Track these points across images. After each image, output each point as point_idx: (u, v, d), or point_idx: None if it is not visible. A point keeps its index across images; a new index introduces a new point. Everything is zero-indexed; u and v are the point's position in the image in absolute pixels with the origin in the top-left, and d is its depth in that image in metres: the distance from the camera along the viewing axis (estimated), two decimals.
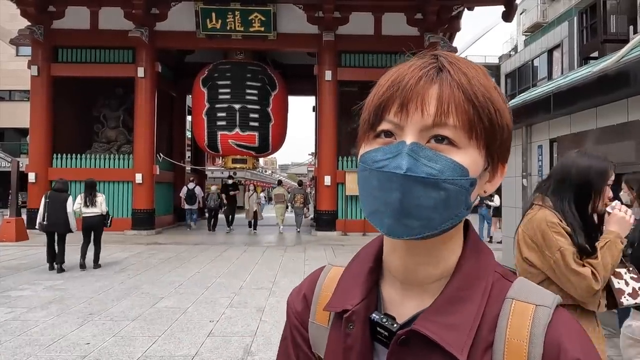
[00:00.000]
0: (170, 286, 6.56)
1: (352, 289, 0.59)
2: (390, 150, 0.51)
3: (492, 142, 0.52)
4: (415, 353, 0.52)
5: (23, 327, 4.62)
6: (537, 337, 0.50)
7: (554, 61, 20.89)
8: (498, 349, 0.51)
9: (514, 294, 0.53)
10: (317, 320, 0.63)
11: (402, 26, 13.33)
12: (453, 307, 0.52)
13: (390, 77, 0.54)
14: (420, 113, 0.50)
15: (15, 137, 27.66)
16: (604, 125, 4.80)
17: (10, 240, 10.82)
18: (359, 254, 0.64)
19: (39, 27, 12.76)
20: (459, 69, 0.52)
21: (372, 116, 0.53)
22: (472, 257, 0.55)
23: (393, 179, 0.49)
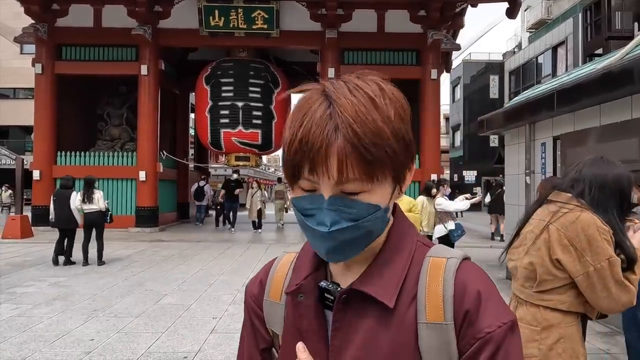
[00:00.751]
0: (173, 283, 6.60)
1: (302, 269, 0.70)
2: (313, 201, 0.60)
3: (395, 168, 0.61)
4: (355, 308, 0.63)
5: (28, 323, 4.67)
6: (449, 280, 0.62)
7: (559, 58, 20.77)
8: (421, 295, 0.62)
9: (431, 253, 0.66)
10: (271, 298, 0.73)
11: (405, 23, 13.28)
12: (382, 270, 0.64)
13: (297, 136, 0.59)
14: (327, 176, 0.58)
15: (20, 135, 27.82)
16: (608, 122, 4.77)
17: (15, 237, 10.90)
18: (308, 243, 0.73)
19: (42, 25, 12.81)
20: (350, 121, 0.57)
21: (290, 174, 0.61)
22: (398, 231, 0.68)
23: (322, 234, 0.59)
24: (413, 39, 13.29)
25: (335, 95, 0.59)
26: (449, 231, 6.17)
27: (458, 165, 29.38)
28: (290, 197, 0.66)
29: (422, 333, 0.60)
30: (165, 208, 14.64)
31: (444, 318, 0.60)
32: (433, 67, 13.13)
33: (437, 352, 0.59)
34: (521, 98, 6.65)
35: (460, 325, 0.60)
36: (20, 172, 11.49)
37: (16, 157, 11.96)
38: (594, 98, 4.79)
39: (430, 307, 0.61)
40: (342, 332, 0.63)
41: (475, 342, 0.58)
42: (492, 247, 10.87)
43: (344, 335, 0.63)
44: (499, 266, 8.04)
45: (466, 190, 18.81)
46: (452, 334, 0.59)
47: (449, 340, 0.59)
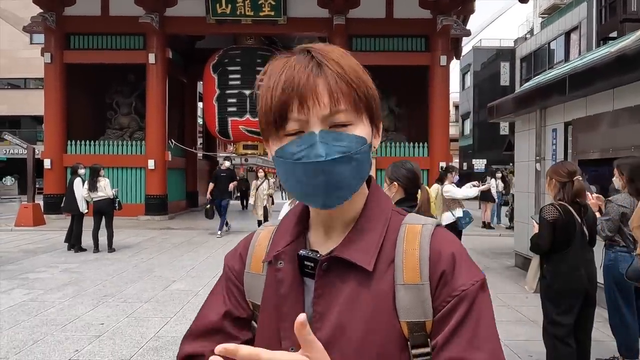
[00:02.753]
0: (182, 270, 6.66)
1: (282, 238, 0.72)
2: (303, 141, 0.60)
3: (371, 112, 0.66)
4: (337, 275, 0.65)
5: (40, 307, 4.75)
6: (425, 244, 0.65)
7: (572, 44, 20.32)
8: (398, 259, 0.65)
9: (407, 221, 0.70)
10: (252, 270, 0.74)
11: (415, 9, 13.06)
12: (360, 236, 0.67)
13: (280, 80, 0.62)
14: (318, 105, 0.60)
15: (31, 125, 28.10)
16: (622, 107, 4.66)
17: (28, 225, 11.08)
18: (288, 214, 0.76)
19: (51, 14, 12.84)
20: (332, 60, 0.62)
21: (277, 119, 0.62)
22: (374, 201, 0.70)
23: (317, 166, 0.59)
24: (422, 25, 13.07)
25: (311, 47, 0.64)
26: (457, 218, 6.11)
27: (467, 154, 29.10)
28: (274, 149, 0.64)
29: (399, 294, 0.63)
30: (174, 196, 14.75)
31: (420, 279, 0.63)
32: (442, 53, 12.93)
33: (412, 310, 0.62)
34: (532, 83, 6.52)
35: (437, 285, 0.63)
36: (31, 161, 11.64)
37: (27, 146, 12.09)
38: (608, 82, 4.67)
39: (407, 269, 0.64)
40: (324, 298, 0.65)
41: (451, 300, 0.61)
42: (502, 235, 10.79)
43: (326, 302, 0.64)
44: (507, 254, 7.99)
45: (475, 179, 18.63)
46: (428, 293, 0.63)
47: (424, 299, 0.62)
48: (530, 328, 4.30)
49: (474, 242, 9.02)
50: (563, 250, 2.88)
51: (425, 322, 0.62)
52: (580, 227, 2.88)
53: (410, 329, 0.62)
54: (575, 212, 2.86)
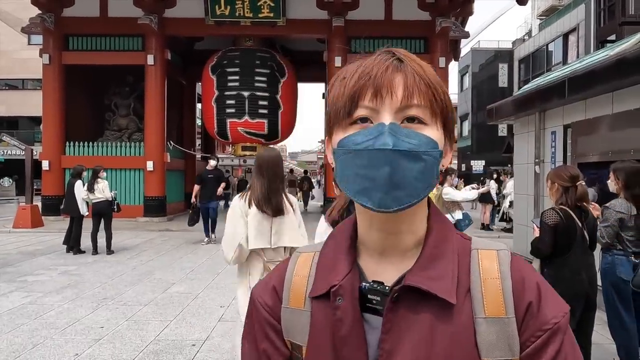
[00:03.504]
0: (181, 272, 6.65)
1: (334, 267, 0.63)
2: (370, 132, 0.57)
3: (446, 119, 0.61)
4: (408, 307, 0.59)
5: (39, 310, 4.73)
6: (506, 272, 0.60)
7: (570, 46, 20.39)
8: (475, 290, 0.59)
9: (476, 246, 0.64)
10: (291, 305, 0.65)
11: (413, 10, 13.09)
12: (433, 263, 0.60)
13: (357, 70, 0.60)
14: (391, 97, 0.58)
15: (29, 126, 28.03)
16: (621, 110, 4.68)
17: (26, 226, 11.04)
18: (332, 237, 0.68)
19: (49, 15, 12.82)
20: (413, 60, 0.61)
21: (347, 104, 0.59)
22: (437, 223, 0.64)
23: (382, 155, 0.55)
24: (421, 27, 13.10)
25: (394, 49, 0.63)
26: (457, 221, 6.12)
27: (466, 155, 29.16)
28: (337, 140, 0.60)
29: (480, 328, 0.58)
30: (173, 198, 14.72)
31: (505, 312, 0.58)
32: (441, 55, 12.96)
33: (497, 346, 0.57)
34: (531, 85, 6.54)
35: (523, 318, 0.58)
36: (29, 162, 11.60)
37: (25, 147, 12.05)
38: (607, 85, 4.68)
39: (488, 301, 0.58)
40: (394, 334, 0.58)
41: (543, 334, 0.57)
42: (500, 237, 10.81)
43: (396, 338, 0.58)
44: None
45: (474, 180, 18.67)
46: (514, 327, 0.57)
47: (510, 334, 0.57)
48: None
49: None
50: (564, 254, 2.88)
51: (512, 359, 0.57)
52: (581, 231, 2.88)
53: None
54: (576, 216, 2.86)
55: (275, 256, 2.64)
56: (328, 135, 0.64)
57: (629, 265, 3.19)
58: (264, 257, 2.62)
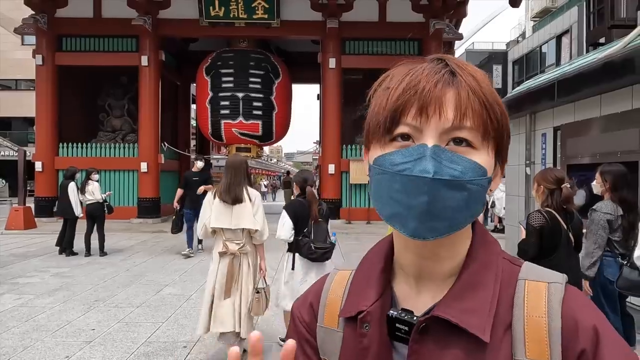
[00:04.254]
0: (174, 274, 6.65)
1: (365, 291, 0.60)
2: (410, 153, 0.51)
3: (500, 142, 0.55)
4: (436, 340, 0.53)
5: (30, 313, 4.72)
6: (555, 310, 0.52)
7: (563, 47, 20.54)
8: (518, 326, 0.53)
9: (525, 275, 0.56)
10: (326, 324, 0.63)
11: (407, 12, 13.15)
12: (469, 293, 0.54)
13: (403, 80, 0.54)
14: (439, 116, 0.51)
15: (22, 127, 27.87)
16: (608, 112, 4.74)
17: (18, 228, 10.98)
18: (368, 256, 0.65)
19: (42, 15, 12.76)
20: (468, 73, 0.54)
21: (388, 119, 0.53)
22: (481, 246, 0.58)
23: (420, 183, 0.49)
24: (415, 29, 13.16)
25: (446, 56, 0.56)
26: None
27: None
28: (373, 157, 0.55)
29: None
30: (167, 199, 14.65)
31: (550, 356, 0.51)
32: None
33: None
34: (522, 88, 6.60)
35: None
36: (22, 163, 11.54)
37: (18, 148, 11.99)
38: (595, 88, 4.74)
39: (530, 341, 0.52)
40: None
41: None
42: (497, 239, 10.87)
43: None
44: None
45: None
46: None
47: None
48: None
49: None
50: (550, 256, 2.92)
51: None
52: (566, 233, 2.93)
53: None
54: (561, 218, 2.91)
55: (234, 236, 3.42)
56: (365, 147, 0.59)
57: (617, 267, 3.25)
58: (224, 236, 3.43)
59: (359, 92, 15.23)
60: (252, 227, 3.38)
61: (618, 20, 6.93)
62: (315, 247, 3.45)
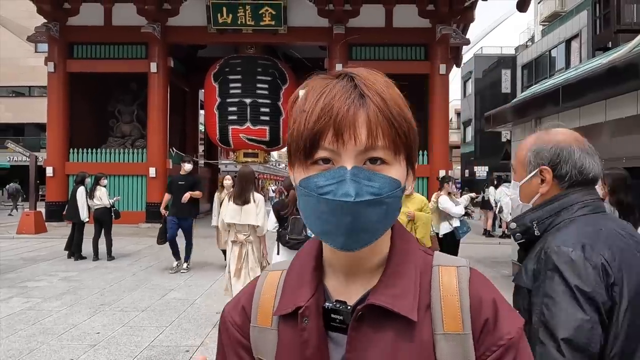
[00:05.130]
0: (179, 278, 6.70)
1: (300, 288, 0.64)
2: (332, 175, 0.56)
3: (410, 152, 0.61)
4: (371, 324, 0.60)
5: (37, 316, 4.80)
6: (464, 290, 0.62)
7: (572, 52, 20.38)
8: (436, 305, 0.61)
9: (437, 262, 0.65)
10: (259, 324, 0.66)
11: (414, 18, 13.18)
12: (396, 281, 0.62)
13: (317, 104, 0.57)
14: (354, 141, 0.56)
15: (35, 132, 28.36)
16: (614, 118, 4.70)
17: (29, 232, 11.16)
18: (299, 256, 0.70)
19: (54, 23, 13.04)
20: (376, 92, 0.58)
21: (308, 145, 0.57)
22: (400, 241, 0.66)
23: (344, 206, 0.54)
24: (421, 34, 13.18)
25: (355, 72, 0.60)
26: (454, 228, 6.14)
27: (469, 161, 29.10)
28: (298, 178, 0.60)
29: (439, 344, 0.59)
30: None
31: (463, 328, 0.60)
32: (442, 62, 13.02)
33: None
34: (527, 93, 6.58)
35: (479, 333, 0.60)
36: (33, 169, 11.75)
37: (29, 154, 12.22)
38: (599, 93, 4.71)
39: (447, 317, 0.60)
40: (357, 351, 0.59)
41: (498, 349, 0.59)
42: (501, 244, 10.78)
43: (359, 355, 0.59)
44: (505, 263, 7.99)
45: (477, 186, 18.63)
46: (470, 343, 0.59)
47: (466, 349, 0.59)
48: None
49: (474, 250, 9.03)
50: None
51: None
52: None
53: None
54: None
55: (242, 229, 4.55)
56: (290, 164, 0.63)
57: None
58: (235, 229, 4.58)
59: None
60: (255, 223, 4.51)
61: (624, 25, 6.89)
62: (289, 237, 4.13)
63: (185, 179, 7.22)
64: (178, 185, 7.11)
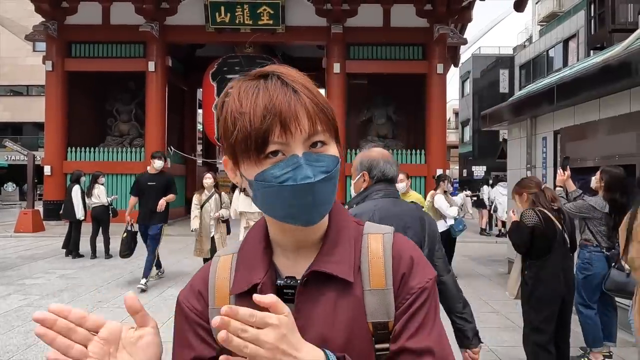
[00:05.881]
0: (178, 276, 6.73)
1: (254, 268, 0.71)
2: (286, 164, 0.63)
3: (336, 132, 0.70)
4: (315, 288, 0.69)
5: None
6: (387, 251, 0.72)
7: (570, 52, 20.44)
8: (364, 267, 0.71)
9: (367, 230, 0.75)
10: (217, 305, 0.70)
11: (411, 18, 13.21)
12: (334, 249, 0.71)
13: (256, 104, 0.63)
14: (299, 130, 0.63)
15: (33, 132, 28.32)
16: (607, 116, 4.74)
17: (27, 231, 11.17)
18: (248, 239, 0.76)
19: (52, 22, 13.03)
20: (302, 86, 0.66)
21: (259, 142, 0.63)
22: (336, 214, 0.74)
23: (306, 188, 0.62)
24: (419, 34, 13.21)
25: (277, 70, 0.67)
26: (450, 226, 6.18)
27: (467, 161, 29.17)
28: (252, 174, 0.65)
29: (367, 298, 0.69)
30: (173, 203, 14.69)
31: (385, 284, 0.69)
32: (439, 61, 13.06)
33: (378, 311, 0.69)
34: (523, 92, 6.62)
35: (398, 286, 0.70)
36: (31, 167, 11.76)
37: (27, 152, 12.23)
38: (593, 92, 4.76)
39: (373, 276, 0.70)
40: (304, 312, 0.67)
41: (410, 297, 0.69)
42: (498, 242, 10.83)
43: (306, 315, 0.67)
44: (501, 261, 8.03)
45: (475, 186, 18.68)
46: (391, 296, 0.69)
47: (388, 302, 0.69)
48: (516, 334, 4.34)
49: (471, 248, 9.07)
50: (543, 256, 2.94)
51: (388, 322, 0.68)
52: (561, 233, 2.95)
53: (375, 328, 0.68)
54: (555, 219, 2.93)
55: (252, 217, 5.33)
56: (231, 159, 0.68)
57: (605, 261, 3.38)
58: (246, 216, 5.43)
59: (364, 96, 15.23)
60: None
61: (618, 24, 6.94)
62: None
63: (155, 179, 6.03)
64: (148, 187, 6.02)
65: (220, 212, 5.97)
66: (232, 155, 0.67)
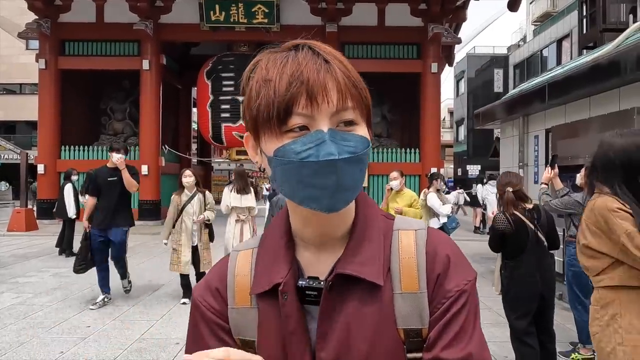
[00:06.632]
0: (172, 274, 6.70)
1: (276, 265, 0.65)
2: (309, 140, 0.56)
3: (369, 115, 0.64)
4: (341, 292, 0.63)
5: (28, 311, 4.81)
6: (421, 249, 0.65)
7: (564, 51, 20.57)
8: (394, 267, 0.64)
9: (398, 226, 0.68)
10: (238, 304, 0.66)
11: (406, 17, 13.26)
12: (361, 248, 0.64)
13: (283, 72, 0.58)
14: (327, 103, 0.57)
15: (26, 130, 28.12)
16: (598, 114, 4.80)
17: (20, 230, 11.11)
18: (268, 233, 0.70)
19: (46, 20, 12.96)
20: (336, 59, 0.61)
21: (281, 113, 0.57)
22: (364, 207, 0.68)
23: (328, 165, 0.55)
24: (413, 33, 13.26)
25: (309, 43, 0.62)
26: (443, 224, 6.22)
27: (462, 160, 29.30)
28: (272, 149, 0.59)
29: (397, 302, 0.62)
30: (168, 202, 14.71)
31: (419, 287, 0.62)
32: (433, 60, 13.12)
33: (410, 317, 0.62)
34: (515, 91, 6.68)
35: (433, 289, 0.63)
36: (24, 166, 11.69)
37: (20, 151, 12.16)
38: (583, 90, 4.81)
39: (404, 277, 0.63)
40: (328, 318, 0.62)
41: (446, 301, 0.62)
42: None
43: (330, 320, 0.62)
44: (494, 259, 8.10)
45: (470, 185, 18.78)
46: (425, 300, 0.62)
47: (421, 306, 0.62)
48: (507, 330, 4.37)
49: (465, 246, 9.13)
50: (517, 257, 2.99)
51: (422, 329, 0.62)
52: (533, 233, 2.97)
53: (407, 335, 0.62)
54: (527, 218, 2.96)
55: (241, 212, 5.75)
56: (252, 134, 0.63)
57: None
58: (236, 210, 5.76)
59: None
60: (251, 205, 5.82)
61: (609, 24, 7.01)
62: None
63: (117, 174, 5.17)
64: (107, 183, 5.14)
65: (204, 215, 5.20)
66: (253, 129, 0.62)
